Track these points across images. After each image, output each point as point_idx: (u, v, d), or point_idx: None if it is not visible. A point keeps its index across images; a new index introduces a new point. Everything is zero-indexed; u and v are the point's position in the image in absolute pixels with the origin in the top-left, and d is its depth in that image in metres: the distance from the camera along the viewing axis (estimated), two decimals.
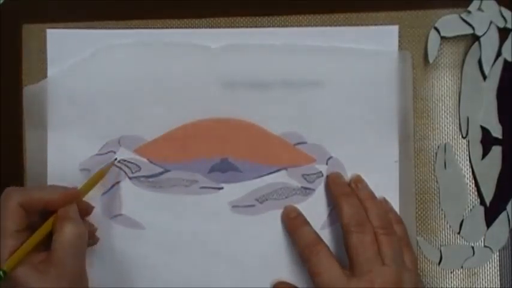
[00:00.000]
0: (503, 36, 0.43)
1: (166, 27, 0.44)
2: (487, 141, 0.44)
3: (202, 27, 0.44)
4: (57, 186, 0.41)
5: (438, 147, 0.44)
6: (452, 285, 0.44)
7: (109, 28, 0.44)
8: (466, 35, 0.44)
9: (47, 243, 0.38)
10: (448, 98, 0.44)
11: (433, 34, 0.43)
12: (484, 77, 0.44)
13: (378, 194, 0.43)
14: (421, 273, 0.44)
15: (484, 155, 0.44)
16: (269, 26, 0.44)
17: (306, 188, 0.43)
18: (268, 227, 0.43)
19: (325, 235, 0.43)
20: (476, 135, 0.44)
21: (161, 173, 0.43)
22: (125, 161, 0.44)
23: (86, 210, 0.41)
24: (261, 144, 0.43)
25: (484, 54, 0.43)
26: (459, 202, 0.44)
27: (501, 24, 0.43)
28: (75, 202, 0.39)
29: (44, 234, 0.38)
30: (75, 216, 0.38)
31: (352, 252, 0.39)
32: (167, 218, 0.43)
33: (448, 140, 0.44)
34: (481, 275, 0.44)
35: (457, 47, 0.44)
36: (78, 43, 0.44)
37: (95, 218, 0.42)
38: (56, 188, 0.40)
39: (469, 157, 0.44)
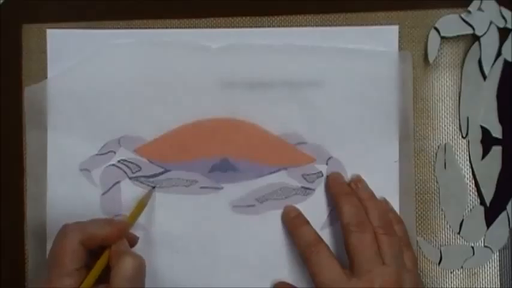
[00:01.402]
0: (503, 36, 0.43)
1: (166, 27, 0.44)
2: (487, 141, 0.44)
3: (202, 27, 0.44)
4: (104, 219, 0.41)
5: (438, 147, 0.44)
6: (452, 285, 0.44)
7: (109, 28, 0.44)
8: (466, 35, 0.44)
9: (100, 279, 0.37)
10: (448, 98, 0.44)
11: (433, 34, 0.43)
12: (484, 77, 0.44)
13: (378, 194, 0.43)
14: (421, 273, 0.44)
15: (484, 155, 0.44)
16: (269, 26, 0.44)
17: (306, 188, 0.43)
18: (268, 227, 0.43)
19: (325, 235, 0.43)
20: (476, 135, 0.44)
21: (161, 173, 0.43)
22: (125, 161, 0.44)
23: (132, 240, 0.41)
24: (261, 144, 0.43)
25: (484, 54, 0.43)
26: (459, 202, 0.44)
27: (501, 24, 0.43)
28: (124, 236, 0.39)
29: (100, 270, 0.37)
30: (129, 250, 0.39)
31: (352, 252, 0.39)
32: (167, 217, 0.43)
33: (448, 140, 0.44)
34: (481, 275, 0.44)
35: (457, 47, 0.44)
36: (78, 43, 0.44)
37: (95, 218, 0.42)
38: (105, 222, 0.39)
39: (469, 157, 0.44)
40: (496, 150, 0.44)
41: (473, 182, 0.44)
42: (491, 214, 0.44)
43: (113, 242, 0.38)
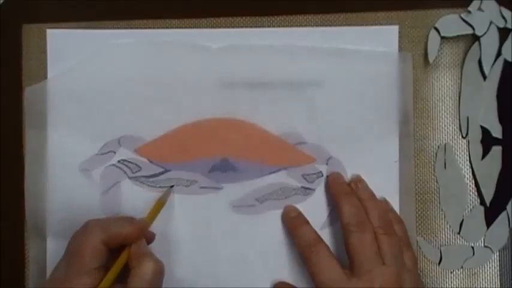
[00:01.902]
0: (503, 36, 0.43)
1: (166, 27, 0.44)
2: (487, 141, 0.44)
3: (202, 27, 0.44)
4: (125, 218, 0.40)
5: (438, 147, 0.44)
6: (452, 285, 0.44)
7: (109, 28, 0.44)
8: (466, 35, 0.44)
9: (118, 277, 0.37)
10: (448, 98, 0.44)
11: (433, 34, 0.43)
12: (484, 77, 0.44)
13: (378, 194, 0.43)
14: (421, 273, 0.44)
15: (484, 155, 0.44)
16: (269, 26, 0.44)
17: (306, 188, 0.43)
18: (268, 227, 0.43)
19: (325, 235, 0.43)
20: (476, 135, 0.44)
21: (161, 173, 0.43)
22: (125, 161, 0.44)
23: (150, 238, 0.41)
24: (261, 144, 0.43)
25: (484, 54, 0.43)
26: (459, 202, 0.44)
27: (501, 24, 0.43)
28: (143, 235, 0.39)
29: (119, 270, 0.37)
30: (150, 251, 0.38)
31: (352, 252, 0.39)
32: (167, 218, 0.43)
33: (448, 140, 0.44)
34: (481, 275, 0.44)
35: (457, 47, 0.44)
36: (78, 43, 0.44)
37: (95, 218, 0.42)
38: (127, 221, 0.39)
39: (469, 157, 0.44)
40: (496, 150, 0.44)
41: (473, 182, 0.44)
42: (491, 214, 0.44)
43: (133, 241, 0.38)
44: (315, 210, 0.43)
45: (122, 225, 0.38)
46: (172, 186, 0.43)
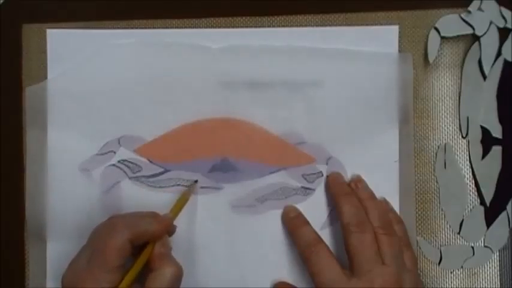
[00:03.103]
0: (503, 36, 0.43)
1: (166, 27, 0.44)
2: (487, 141, 0.44)
3: (202, 27, 0.44)
4: (150, 214, 0.40)
5: (438, 147, 0.44)
6: (452, 285, 0.44)
7: (109, 28, 0.44)
8: (466, 35, 0.44)
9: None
10: (448, 98, 0.44)
11: (433, 34, 0.43)
12: (484, 77, 0.44)
13: (378, 194, 0.43)
14: (421, 273, 0.44)
15: (484, 155, 0.44)
16: (269, 26, 0.44)
17: (306, 188, 0.43)
18: (268, 227, 0.43)
19: (325, 235, 0.43)
20: (476, 135, 0.44)
21: (161, 173, 0.43)
22: (125, 161, 0.44)
23: (172, 232, 0.41)
24: (261, 144, 0.43)
25: (484, 54, 0.43)
26: (459, 202, 0.44)
27: (501, 24, 0.43)
28: (166, 234, 0.39)
29: (140, 268, 0.37)
30: (170, 253, 0.38)
31: (352, 252, 0.39)
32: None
33: (448, 140, 0.44)
34: (481, 275, 0.44)
35: (457, 47, 0.44)
36: (78, 43, 0.44)
37: (95, 218, 0.42)
38: (152, 218, 0.39)
39: (469, 157, 0.44)
40: (496, 150, 0.44)
41: (473, 182, 0.44)
42: (491, 214, 0.44)
43: (158, 238, 0.38)
44: (315, 210, 0.43)
45: (149, 223, 0.38)
46: (196, 181, 0.43)
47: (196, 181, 0.43)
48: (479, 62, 0.44)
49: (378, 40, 0.43)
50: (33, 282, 0.44)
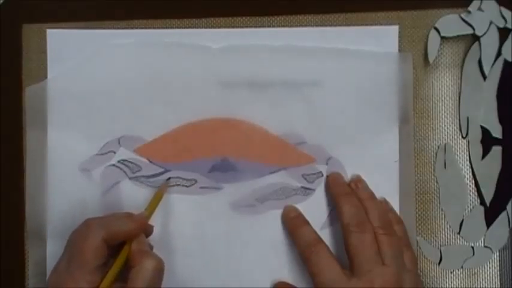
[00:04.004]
0: (503, 36, 0.43)
1: (166, 27, 0.44)
2: (487, 141, 0.44)
3: (202, 27, 0.44)
4: (125, 214, 0.40)
5: (438, 147, 0.44)
6: (452, 285, 0.44)
7: (109, 28, 0.44)
8: (466, 35, 0.44)
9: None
10: (448, 98, 0.44)
11: (433, 34, 0.43)
12: (484, 77, 0.44)
13: (378, 194, 0.43)
14: (421, 273, 0.44)
15: (484, 155, 0.44)
16: (269, 26, 0.44)
17: (306, 188, 0.43)
18: (268, 227, 0.43)
19: (325, 235, 0.43)
20: (476, 135, 0.44)
21: (161, 173, 0.43)
22: (125, 161, 0.44)
23: (149, 231, 0.41)
24: (261, 144, 0.43)
25: (484, 54, 0.43)
26: (459, 202, 0.44)
27: (501, 24, 0.43)
28: (143, 230, 0.39)
29: (120, 267, 0.38)
30: (149, 249, 0.39)
31: (352, 252, 0.39)
32: (167, 218, 0.43)
33: (448, 140, 0.44)
34: (481, 275, 0.44)
35: (457, 47, 0.44)
36: (78, 43, 0.44)
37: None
38: (127, 218, 0.39)
39: (469, 157, 0.44)
40: (496, 150, 0.44)
41: (473, 182, 0.44)
42: (491, 214, 0.44)
43: (134, 237, 0.38)
44: (315, 210, 0.43)
45: (123, 222, 0.38)
46: (169, 179, 0.43)
47: (168, 179, 0.43)
48: (479, 62, 0.44)
49: (377, 40, 0.43)
50: (33, 282, 0.44)
